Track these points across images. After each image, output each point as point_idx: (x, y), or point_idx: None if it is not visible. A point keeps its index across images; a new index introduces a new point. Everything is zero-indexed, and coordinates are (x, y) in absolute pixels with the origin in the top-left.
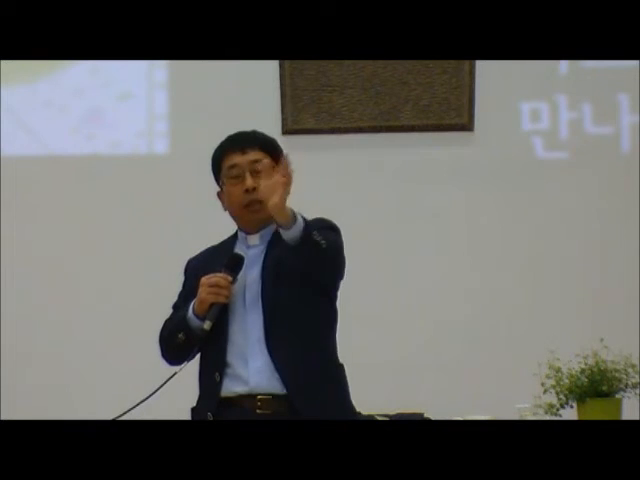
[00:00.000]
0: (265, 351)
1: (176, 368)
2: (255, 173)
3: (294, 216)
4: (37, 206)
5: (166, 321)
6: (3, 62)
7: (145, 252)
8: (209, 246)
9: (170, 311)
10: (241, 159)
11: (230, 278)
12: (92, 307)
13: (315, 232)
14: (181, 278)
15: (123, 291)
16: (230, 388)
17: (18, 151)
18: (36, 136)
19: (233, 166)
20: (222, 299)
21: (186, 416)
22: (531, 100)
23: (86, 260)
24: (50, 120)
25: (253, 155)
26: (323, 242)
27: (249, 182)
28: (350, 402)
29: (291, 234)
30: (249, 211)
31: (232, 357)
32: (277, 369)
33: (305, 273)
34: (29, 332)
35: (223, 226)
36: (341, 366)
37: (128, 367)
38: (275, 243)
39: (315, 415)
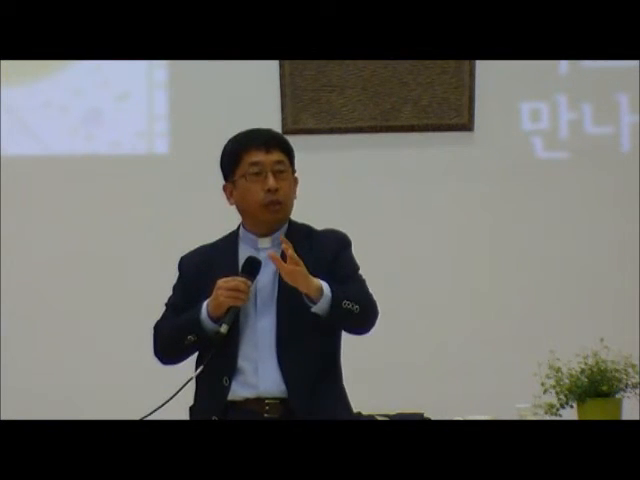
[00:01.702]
0: (275, 356)
1: (175, 368)
2: (277, 174)
3: (321, 289)
4: (37, 206)
5: (161, 320)
6: (3, 62)
7: (145, 252)
8: (202, 245)
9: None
10: (265, 157)
11: (249, 282)
12: (92, 307)
13: (345, 302)
14: (177, 279)
15: (123, 291)
16: (239, 392)
17: (18, 151)
18: (36, 136)
19: (256, 163)
20: (240, 303)
21: (184, 416)
22: (531, 100)
23: (86, 260)
24: (50, 120)
25: (277, 155)
26: (355, 308)
27: (272, 182)
28: (349, 406)
29: (319, 307)
30: (268, 211)
31: (243, 362)
32: (283, 374)
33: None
34: (29, 332)
35: (223, 225)
36: (341, 369)
37: (128, 367)
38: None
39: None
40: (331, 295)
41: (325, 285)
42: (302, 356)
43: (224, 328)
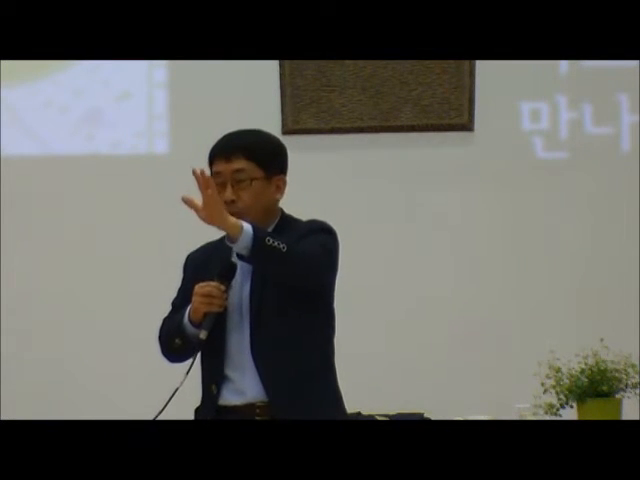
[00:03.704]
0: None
1: (175, 367)
2: (237, 183)
3: (240, 226)
4: (37, 206)
5: (165, 319)
6: (3, 62)
7: (145, 252)
8: (208, 242)
9: (170, 308)
10: (224, 167)
11: (223, 287)
12: (92, 307)
13: (269, 238)
14: (181, 277)
15: (123, 291)
16: (228, 399)
17: (18, 151)
18: (36, 136)
19: (218, 173)
20: (215, 308)
21: (190, 415)
22: (531, 100)
23: (86, 260)
24: (50, 120)
25: (237, 164)
26: (282, 246)
27: (228, 194)
28: (341, 407)
29: (241, 245)
30: None
31: (230, 369)
32: (261, 378)
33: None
34: (29, 332)
35: None
36: (333, 369)
37: (128, 367)
38: None
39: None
40: (252, 232)
41: (246, 224)
42: (280, 359)
43: (203, 334)
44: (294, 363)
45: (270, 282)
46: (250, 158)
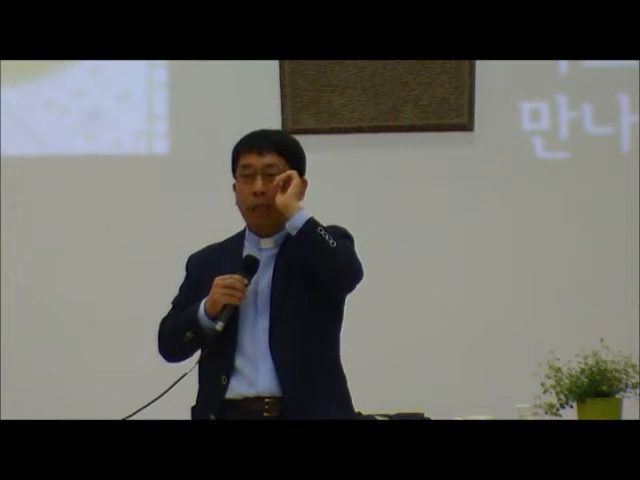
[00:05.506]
0: (270, 355)
1: (175, 368)
2: (267, 177)
3: (300, 209)
4: (37, 206)
5: (166, 318)
6: (3, 62)
7: (145, 252)
8: (211, 243)
9: (169, 308)
10: (256, 160)
11: (246, 281)
12: (92, 307)
13: (321, 228)
14: (181, 277)
15: (123, 291)
16: (237, 390)
17: (18, 151)
18: (36, 136)
19: (247, 165)
20: (236, 301)
21: (186, 415)
22: (531, 100)
23: (86, 260)
24: (50, 120)
25: (269, 158)
26: (332, 242)
27: (259, 185)
28: (347, 407)
29: (292, 223)
30: (255, 215)
31: (242, 361)
32: (277, 372)
33: (314, 278)
34: (29, 332)
35: (223, 225)
36: (341, 370)
37: (127, 367)
38: (288, 247)
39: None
40: (309, 217)
41: (306, 211)
42: (296, 356)
43: (219, 326)
44: (310, 360)
45: (292, 279)
46: (281, 154)
